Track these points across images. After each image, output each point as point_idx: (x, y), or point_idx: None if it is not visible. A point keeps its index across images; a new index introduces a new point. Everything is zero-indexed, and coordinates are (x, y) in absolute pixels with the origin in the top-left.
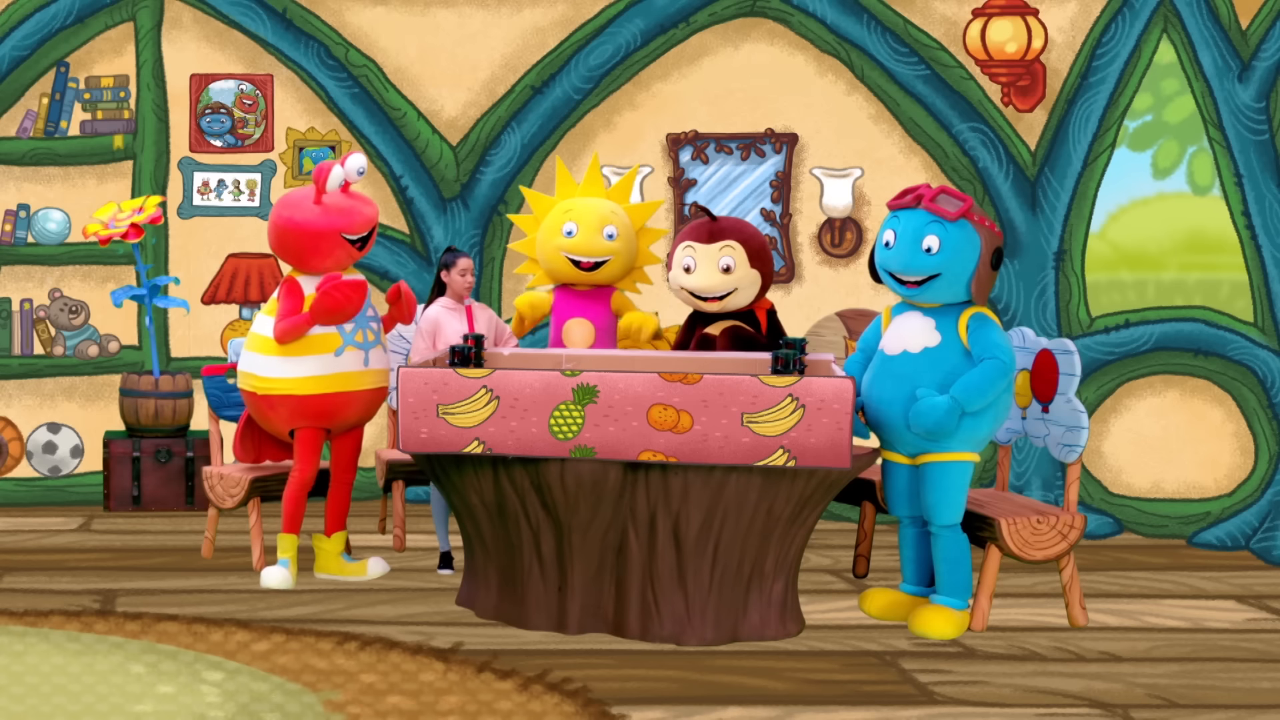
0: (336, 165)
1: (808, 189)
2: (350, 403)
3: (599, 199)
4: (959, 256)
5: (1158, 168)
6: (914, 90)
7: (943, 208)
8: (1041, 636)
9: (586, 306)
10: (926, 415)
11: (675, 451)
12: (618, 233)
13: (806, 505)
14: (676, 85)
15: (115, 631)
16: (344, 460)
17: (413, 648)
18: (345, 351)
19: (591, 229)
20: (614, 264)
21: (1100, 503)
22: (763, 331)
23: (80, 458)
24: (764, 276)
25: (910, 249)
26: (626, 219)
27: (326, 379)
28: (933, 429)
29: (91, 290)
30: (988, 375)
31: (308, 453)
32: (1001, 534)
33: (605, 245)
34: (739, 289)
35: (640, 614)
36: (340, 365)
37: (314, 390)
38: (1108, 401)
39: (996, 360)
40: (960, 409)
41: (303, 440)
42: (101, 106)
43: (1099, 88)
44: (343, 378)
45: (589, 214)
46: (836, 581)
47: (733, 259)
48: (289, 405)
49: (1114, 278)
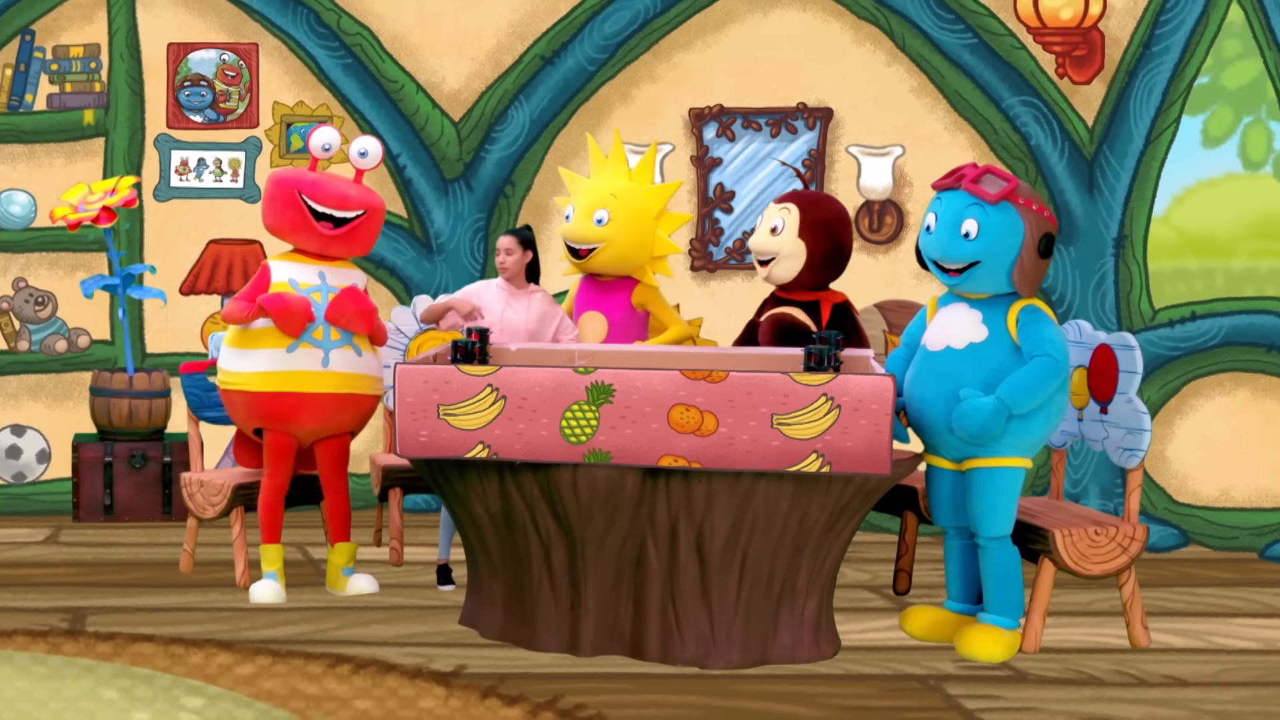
0: (327, 128)
1: (844, 169)
2: (303, 406)
3: (605, 179)
4: (999, 242)
5: (1208, 135)
6: (960, 61)
7: (983, 189)
8: (1100, 659)
9: (605, 299)
10: (970, 418)
11: (699, 456)
12: (609, 217)
13: (842, 515)
14: (700, 55)
15: (86, 653)
16: (326, 469)
17: (411, 671)
18: (298, 348)
19: (582, 213)
20: (608, 251)
21: (1164, 512)
22: (822, 326)
23: (47, 463)
24: (814, 254)
25: (949, 234)
26: (633, 202)
27: (276, 376)
28: (977, 433)
29: (59, 280)
30: (1038, 374)
31: (274, 457)
32: (1056, 546)
33: (594, 231)
34: (780, 257)
35: (660, 634)
36: (292, 363)
37: (264, 387)
38: (1172, 401)
39: (1048, 358)
40: (1007, 411)
41: (268, 444)
42: (70, 79)
43: (1162, 58)
44: (294, 376)
45: (583, 196)
46: (875, 599)
47: (783, 221)
48: (242, 402)
49: (1179, 266)
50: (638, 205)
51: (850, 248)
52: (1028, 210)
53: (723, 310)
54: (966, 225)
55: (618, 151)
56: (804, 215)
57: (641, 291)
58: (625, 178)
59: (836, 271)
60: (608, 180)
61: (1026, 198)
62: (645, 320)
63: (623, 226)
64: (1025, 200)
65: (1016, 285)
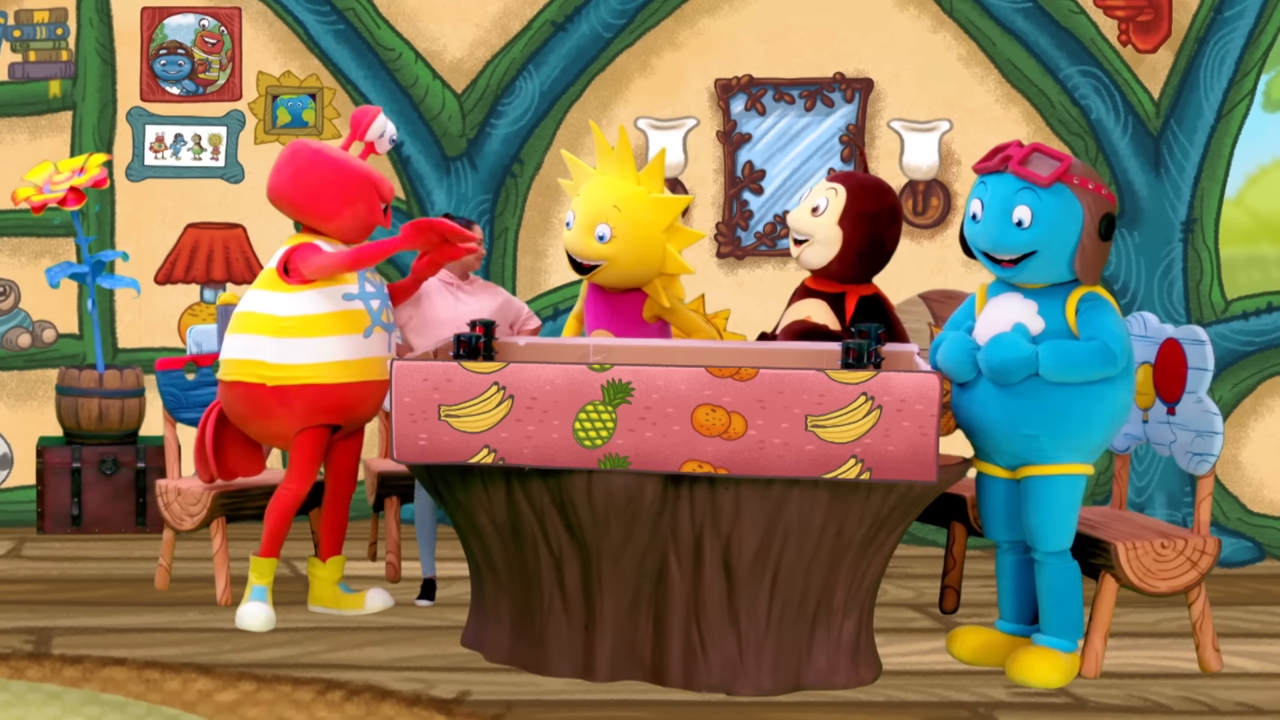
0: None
1: (885, 145)
2: (372, 394)
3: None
4: (1057, 229)
5: (1270, 99)
6: (1013, 26)
7: (1034, 171)
8: (1166, 684)
9: (614, 311)
10: (1003, 349)
11: (725, 461)
12: (611, 234)
13: (883, 526)
14: (727, 20)
15: (51, 678)
16: (345, 468)
17: (410, 698)
18: (374, 333)
19: (584, 226)
20: (611, 269)
21: (1237, 523)
22: (845, 322)
23: (9, 469)
24: (850, 246)
25: (999, 223)
26: (638, 216)
27: (354, 365)
28: (996, 367)
29: (22, 267)
30: (1086, 355)
31: (311, 460)
32: (1118, 561)
33: (596, 248)
34: (814, 241)
35: (683, 657)
36: (368, 349)
37: (339, 379)
38: (1246, 401)
39: (1102, 344)
40: (1035, 367)
41: (308, 445)
42: (34, 46)
43: (1236, 23)
44: (369, 364)
45: (584, 204)
46: (920, 618)
47: (827, 201)
48: (307, 399)
49: (1254, 252)
50: (644, 218)
51: (893, 245)
52: (1084, 190)
53: (753, 301)
54: (1019, 213)
55: (624, 149)
56: (850, 202)
57: (654, 306)
58: (631, 180)
59: (873, 269)
60: (611, 185)
61: (1081, 176)
62: (660, 331)
63: (627, 244)
64: (1080, 179)
65: (1078, 273)
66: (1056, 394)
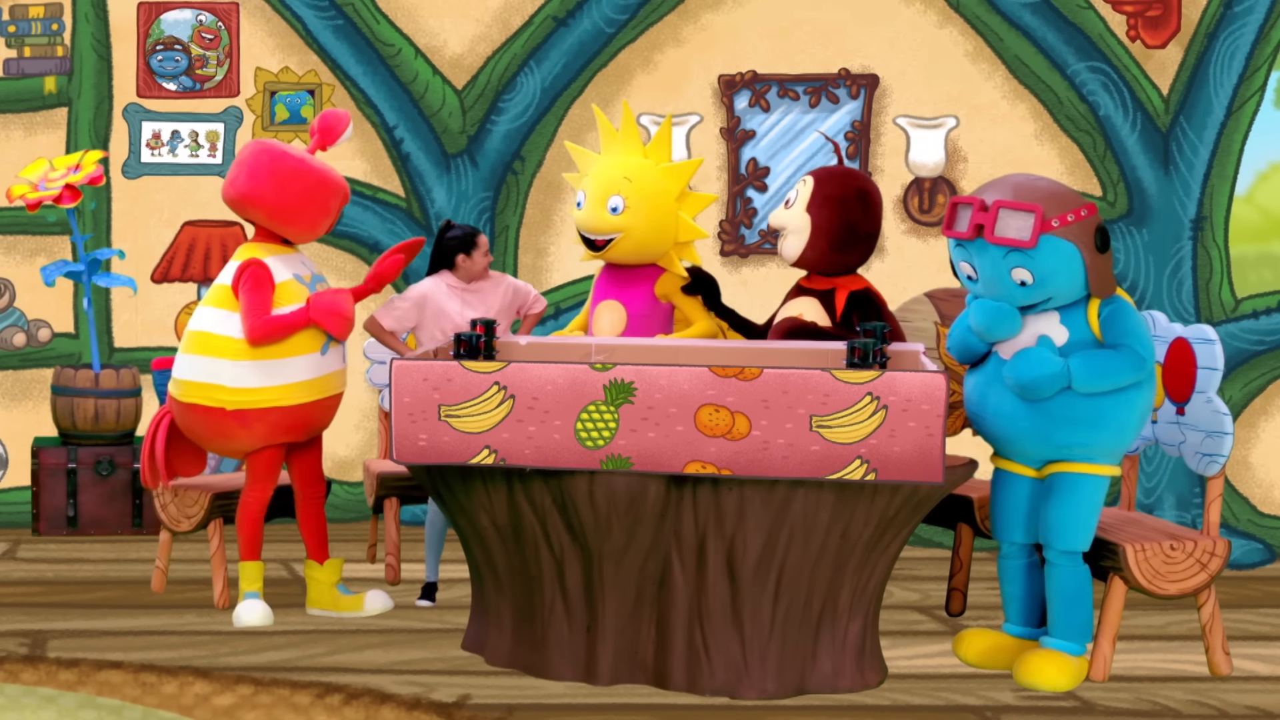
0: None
1: (891, 142)
2: (331, 408)
3: (616, 159)
4: (1061, 274)
5: None
6: (1020, 22)
7: (1015, 238)
8: (1176, 688)
9: (624, 288)
10: (1033, 366)
11: (729, 462)
12: (624, 205)
13: (889, 528)
14: (731, 16)
15: (46, 682)
16: (309, 474)
17: (409, 701)
18: (330, 348)
19: (595, 200)
20: (626, 241)
21: (1247, 525)
22: (836, 318)
23: (4, 470)
24: (820, 232)
25: (1003, 287)
26: (649, 184)
27: (313, 384)
28: (1027, 383)
29: (17, 266)
30: (1117, 363)
31: (269, 469)
32: (1127, 563)
33: (610, 220)
34: (787, 232)
35: (686, 661)
36: (326, 365)
37: (300, 399)
38: (1256, 401)
39: (1132, 350)
40: (1067, 381)
41: (265, 455)
42: (30, 42)
43: (1246, 18)
44: (328, 380)
45: (594, 181)
46: (926, 621)
47: (796, 193)
48: (268, 422)
49: (1264, 250)
50: (655, 187)
51: (867, 230)
52: (1067, 227)
53: (757, 299)
54: (1018, 275)
55: (629, 126)
56: (816, 187)
57: (667, 281)
58: (639, 155)
59: (850, 256)
60: (619, 160)
61: (1058, 214)
62: (669, 313)
63: (640, 214)
64: (1059, 218)
65: (1094, 291)
66: (1087, 403)
